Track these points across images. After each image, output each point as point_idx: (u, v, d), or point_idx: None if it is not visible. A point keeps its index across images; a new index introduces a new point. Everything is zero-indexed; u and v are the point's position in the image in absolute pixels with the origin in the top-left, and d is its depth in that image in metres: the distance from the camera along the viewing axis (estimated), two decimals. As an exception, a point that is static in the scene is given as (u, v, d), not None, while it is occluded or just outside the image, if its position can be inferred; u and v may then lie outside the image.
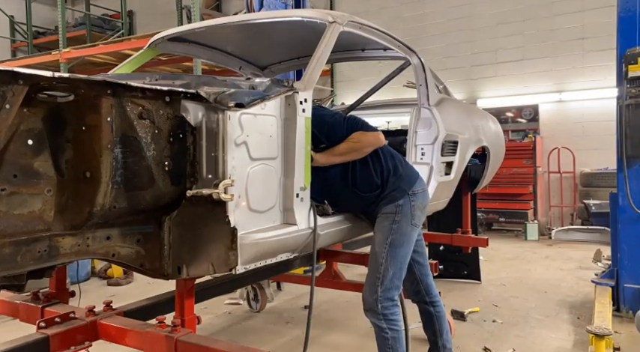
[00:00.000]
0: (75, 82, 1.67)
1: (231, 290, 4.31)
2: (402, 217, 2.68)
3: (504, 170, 7.76)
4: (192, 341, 2.15)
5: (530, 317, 4.31)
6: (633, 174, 4.07)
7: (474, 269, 5.47)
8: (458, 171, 3.88)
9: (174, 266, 2.07)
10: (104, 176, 1.74)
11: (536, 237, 8.19)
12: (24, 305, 2.63)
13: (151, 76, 2.34)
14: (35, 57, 9.79)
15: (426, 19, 10.08)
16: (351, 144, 2.60)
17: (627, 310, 4.12)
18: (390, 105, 4.70)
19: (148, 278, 2.75)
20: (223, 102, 2.00)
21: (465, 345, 3.69)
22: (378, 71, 8.34)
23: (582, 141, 8.76)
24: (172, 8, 12.20)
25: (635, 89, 4.02)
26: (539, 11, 9.08)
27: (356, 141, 2.60)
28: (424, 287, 3.04)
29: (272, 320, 4.35)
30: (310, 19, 2.89)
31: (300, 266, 3.72)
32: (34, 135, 1.65)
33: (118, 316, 2.46)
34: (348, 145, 2.60)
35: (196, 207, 2.03)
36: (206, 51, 3.69)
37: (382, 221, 2.70)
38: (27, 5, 12.90)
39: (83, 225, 1.82)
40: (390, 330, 2.60)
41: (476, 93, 9.66)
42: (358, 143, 2.61)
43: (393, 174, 2.72)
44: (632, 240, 4.13)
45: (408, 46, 3.53)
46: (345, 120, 2.67)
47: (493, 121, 4.94)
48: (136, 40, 7.89)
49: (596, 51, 8.57)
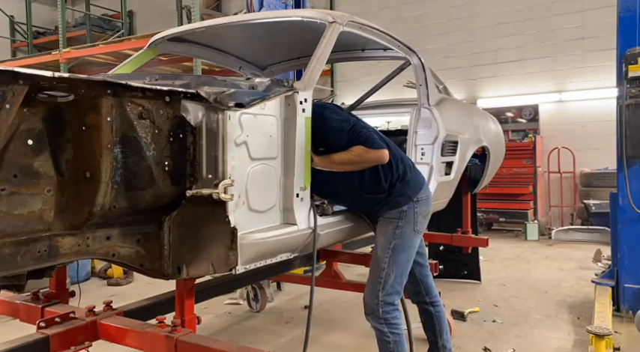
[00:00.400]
0: (75, 82, 1.67)
1: (231, 290, 4.31)
2: (405, 223, 2.67)
3: (504, 170, 7.76)
4: (192, 341, 2.15)
5: (530, 317, 4.31)
6: (633, 174, 4.07)
7: (474, 269, 5.47)
8: (458, 171, 3.88)
9: (174, 266, 2.07)
10: (104, 176, 1.74)
11: (536, 237, 8.19)
12: (24, 305, 2.63)
13: (150, 76, 2.34)
14: (35, 57, 9.79)
15: (426, 19, 10.08)
16: (350, 157, 2.54)
17: (627, 310, 4.12)
18: (390, 105, 4.70)
19: (148, 278, 2.75)
20: (223, 102, 2.00)
21: (465, 345, 3.69)
22: (378, 71, 8.34)
23: (582, 141, 8.76)
24: (172, 8, 12.20)
25: (635, 89, 4.02)
26: (539, 11, 9.08)
27: (356, 155, 2.54)
28: (424, 288, 3.04)
29: (272, 320, 4.35)
30: (310, 19, 2.89)
31: (300, 266, 3.72)
32: (34, 135, 1.65)
33: (118, 316, 2.46)
34: (347, 157, 2.54)
35: (196, 207, 2.03)
36: (206, 51, 3.69)
37: (385, 225, 2.70)
38: (27, 5, 12.90)
39: (83, 225, 1.82)
40: (392, 334, 2.60)
41: (476, 93, 9.66)
42: (358, 158, 2.55)
43: (401, 180, 2.70)
44: (632, 240, 4.13)
45: (408, 46, 3.52)
46: (350, 131, 2.57)
47: (493, 121, 4.94)
48: (136, 40, 7.89)
49: (596, 51, 8.57)
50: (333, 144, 2.56)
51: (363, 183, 2.67)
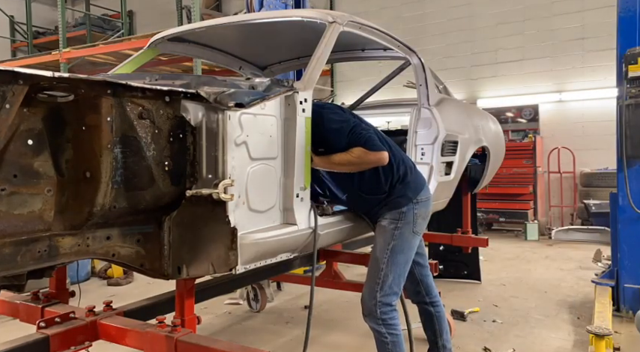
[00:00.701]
0: (75, 82, 1.67)
1: (231, 290, 4.31)
2: (404, 224, 2.67)
3: (504, 170, 7.76)
4: (192, 341, 2.15)
5: (530, 317, 4.31)
6: (633, 174, 4.07)
7: (474, 269, 5.47)
8: (458, 171, 3.89)
9: (174, 266, 2.07)
10: (104, 176, 1.75)
11: (536, 237, 8.19)
12: (24, 305, 2.63)
13: (150, 76, 2.34)
14: (35, 57, 9.79)
15: (426, 19, 10.08)
16: (350, 158, 2.54)
17: (627, 310, 4.12)
18: (390, 105, 4.69)
19: (148, 278, 2.75)
20: (223, 102, 2.00)
21: (465, 345, 3.69)
22: (378, 71, 8.34)
23: (582, 141, 8.76)
24: (172, 8, 12.20)
25: (635, 89, 4.02)
26: (539, 11, 9.08)
27: (356, 156, 2.54)
28: (424, 288, 3.04)
29: (272, 320, 4.35)
30: (310, 19, 2.89)
31: (300, 266, 3.72)
32: (34, 135, 1.65)
33: (118, 316, 2.46)
34: (347, 158, 2.54)
35: (196, 207, 2.03)
36: (206, 51, 3.69)
37: (384, 226, 2.70)
38: (27, 5, 12.90)
39: (83, 225, 1.82)
40: (390, 335, 2.60)
41: (476, 93, 9.66)
42: (357, 159, 2.54)
43: (401, 182, 2.69)
44: (632, 240, 4.13)
45: (408, 46, 3.53)
46: (350, 132, 2.56)
47: (493, 121, 4.94)
48: (136, 40, 7.89)
49: (596, 51, 8.57)
50: (333, 145, 2.56)
51: (362, 183, 2.67)
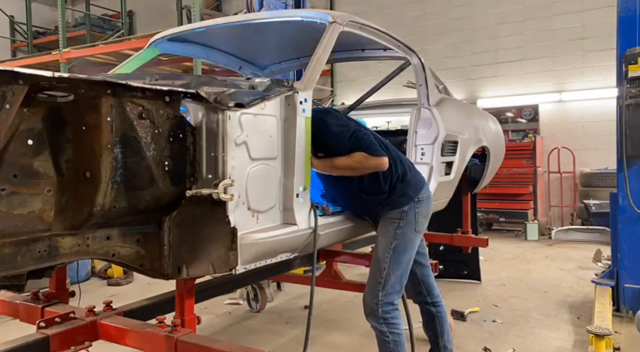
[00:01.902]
0: (75, 82, 1.67)
1: (231, 290, 4.31)
2: (406, 223, 2.68)
3: (504, 170, 7.76)
4: (192, 341, 2.15)
5: (530, 317, 4.31)
6: (633, 174, 4.07)
7: (474, 269, 5.47)
8: (458, 171, 3.88)
9: (175, 266, 2.07)
10: (104, 176, 1.74)
11: (536, 237, 8.19)
12: (24, 305, 2.63)
13: (150, 76, 2.34)
14: (35, 57, 9.79)
15: (427, 19, 10.08)
16: (350, 163, 2.56)
17: (627, 310, 4.12)
18: (390, 105, 4.69)
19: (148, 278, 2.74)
20: (223, 102, 2.00)
21: (465, 345, 3.69)
22: (378, 71, 8.34)
23: (582, 141, 8.76)
24: (172, 8, 12.20)
25: (635, 89, 4.02)
26: (539, 11, 9.08)
27: (357, 161, 2.56)
28: (425, 288, 3.04)
29: (272, 320, 4.35)
30: (310, 19, 2.89)
31: (300, 266, 3.72)
32: (34, 135, 1.65)
33: (118, 316, 2.46)
34: (347, 163, 2.56)
35: (196, 207, 2.03)
36: (206, 51, 3.69)
37: (386, 225, 2.70)
38: (27, 5, 12.89)
39: (83, 225, 1.82)
40: (391, 334, 2.60)
41: (476, 93, 9.66)
42: (358, 163, 2.56)
43: (401, 181, 2.70)
44: (632, 240, 4.13)
45: (408, 46, 3.52)
46: (351, 137, 2.58)
47: (493, 121, 4.94)
48: (136, 40, 7.89)
49: (596, 51, 8.57)
50: (334, 149, 2.57)
51: (362, 184, 2.68)
